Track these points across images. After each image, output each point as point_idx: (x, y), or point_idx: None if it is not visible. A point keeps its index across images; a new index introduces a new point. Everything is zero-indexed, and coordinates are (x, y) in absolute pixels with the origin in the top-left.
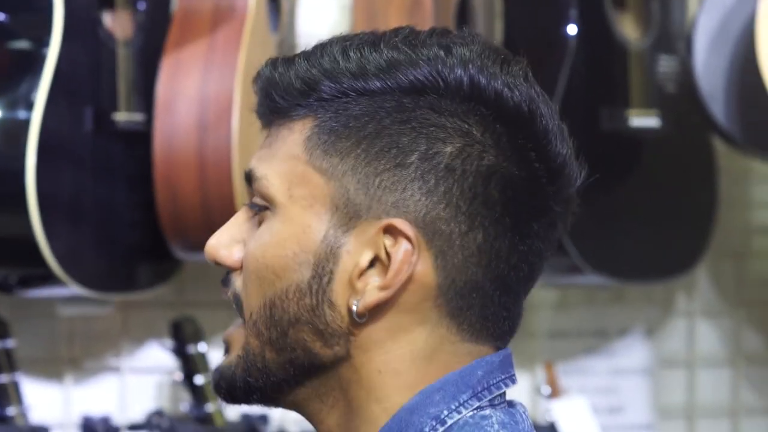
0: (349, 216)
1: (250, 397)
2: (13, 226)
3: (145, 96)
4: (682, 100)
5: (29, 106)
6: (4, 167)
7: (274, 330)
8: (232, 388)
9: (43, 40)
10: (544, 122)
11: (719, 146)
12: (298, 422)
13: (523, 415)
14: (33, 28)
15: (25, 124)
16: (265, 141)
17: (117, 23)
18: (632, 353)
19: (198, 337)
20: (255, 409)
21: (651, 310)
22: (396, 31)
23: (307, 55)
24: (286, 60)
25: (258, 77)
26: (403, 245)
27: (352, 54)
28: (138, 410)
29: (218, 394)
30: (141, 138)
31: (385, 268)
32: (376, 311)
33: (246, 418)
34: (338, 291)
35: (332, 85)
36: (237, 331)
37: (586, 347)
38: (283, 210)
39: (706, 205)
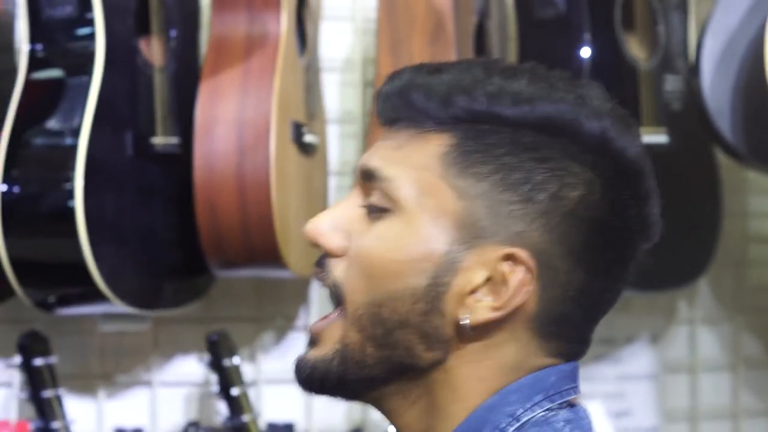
0: (472, 235)
1: (340, 390)
2: (61, 247)
3: (179, 120)
4: (687, 117)
5: (75, 132)
6: (52, 191)
7: (380, 327)
8: (325, 379)
9: (86, 68)
10: (648, 183)
11: (719, 159)
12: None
13: (585, 413)
14: (76, 56)
15: (72, 150)
16: (388, 141)
17: (152, 50)
18: (638, 360)
19: (232, 350)
20: (282, 418)
21: (655, 319)
22: (529, 69)
23: (449, 71)
24: (429, 71)
25: (395, 79)
26: (521, 273)
27: (494, 80)
28: (168, 423)
29: (305, 384)
30: (176, 160)
31: (496, 288)
32: (481, 327)
33: (272, 428)
34: (450, 302)
35: (470, 104)
36: (331, 326)
37: (595, 355)
38: (409, 215)
39: (711, 217)
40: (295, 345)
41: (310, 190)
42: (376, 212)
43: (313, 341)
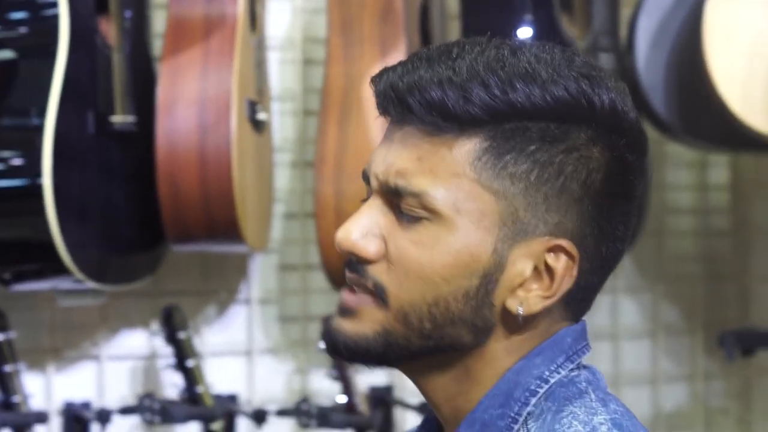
0: (515, 232)
1: (377, 364)
2: (26, 224)
3: (135, 99)
4: None
5: (41, 112)
6: (20, 169)
7: (429, 323)
8: (367, 355)
9: (50, 48)
10: (647, 141)
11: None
12: (265, 401)
13: (600, 373)
14: (41, 36)
15: (39, 129)
16: (405, 150)
17: (110, 30)
18: None
19: (184, 323)
20: (224, 389)
21: None
22: (527, 47)
23: (456, 55)
24: (440, 55)
25: (402, 74)
26: (564, 261)
27: (506, 62)
28: (116, 396)
29: (340, 352)
30: (133, 138)
31: (542, 277)
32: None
33: (217, 399)
34: (499, 295)
35: (487, 101)
36: (368, 307)
37: None
38: (451, 222)
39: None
40: (237, 317)
41: (261, 166)
42: (411, 218)
43: (347, 313)
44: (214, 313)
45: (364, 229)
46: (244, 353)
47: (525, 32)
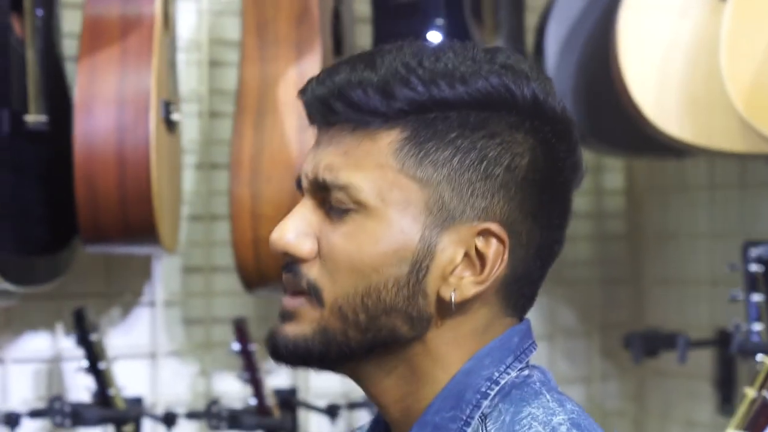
0: (443, 218)
1: (319, 365)
2: None
3: (46, 98)
4: None
5: None
6: None
7: (364, 315)
8: (307, 356)
9: None
10: (574, 131)
11: None
12: (170, 403)
13: (549, 374)
14: None
15: None
16: (330, 147)
17: (23, 28)
18: None
19: (95, 325)
20: (129, 393)
21: None
22: (448, 46)
23: (379, 56)
24: (364, 62)
25: (326, 80)
26: (495, 245)
27: (425, 62)
28: (18, 399)
29: (286, 358)
30: (44, 138)
31: (473, 263)
32: (464, 302)
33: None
34: (431, 283)
35: (410, 95)
36: (306, 308)
37: None
38: (377, 212)
39: None
40: (140, 320)
41: (172, 167)
42: (339, 212)
43: (289, 316)
44: (118, 315)
45: (298, 229)
46: (148, 356)
47: (436, 37)
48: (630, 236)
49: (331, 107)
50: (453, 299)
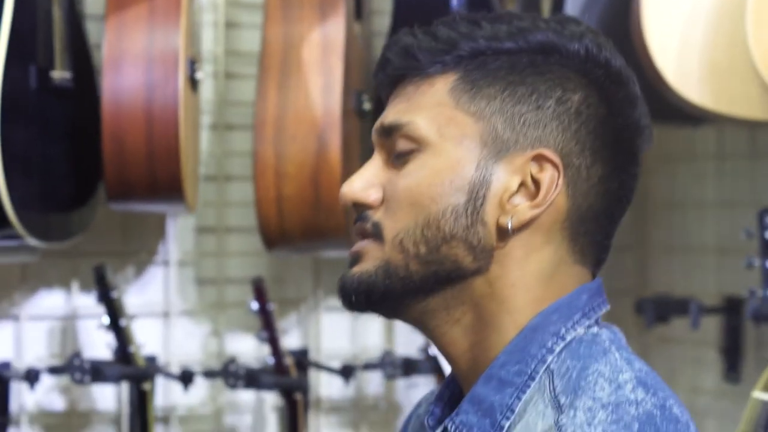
0: (497, 149)
1: (384, 304)
2: None
3: (71, 55)
4: None
5: None
6: None
7: (424, 246)
8: (371, 292)
9: None
10: (634, 85)
11: None
12: (182, 363)
13: (620, 333)
14: None
15: None
16: (396, 100)
17: None
18: None
19: (114, 284)
20: (146, 350)
21: None
22: (505, 12)
23: (442, 24)
24: (424, 29)
25: (393, 44)
26: (550, 171)
27: (484, 23)
28: (33, 356)
29: (350, 298)
30: (68, 95)
31: (530, 191)
32: (521, 229)
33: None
34: (489, 211)
35: (471, 44)
36: (369, 247)
37: None
38: (435, 147)
39: None
40: (154, 279)
41: (194, 126)
42: (402, 157)
43: (354, 259)
44: (132, 274)
45: (365, 180)
46: (161, 315)
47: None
48: (636, 203)
49: (397, 65)
50: (510, 224)
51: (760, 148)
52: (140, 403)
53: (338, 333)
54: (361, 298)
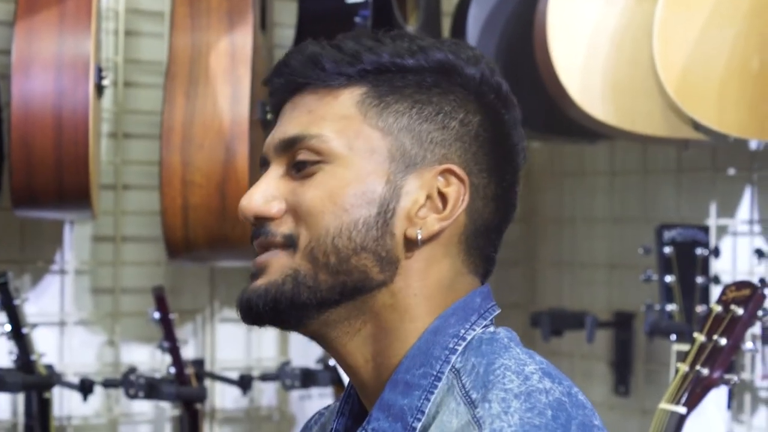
0: (405, 164)
1: (289, 314)
2: None
3: None
4: None
5: None
6: None
7: (334, 257)
8: (278, 301)
9: None
10: (517, 109)
11: None
12: (78, 372)
13: (515, 333)
14: None
15: None
16: (296, 111)
17: None
18: None
19: (18, 291)
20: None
21: None
22: (404, 33)
23: (346, 38)
24: (329, 41)
25: (297, 51)
26: (456, 185)
27: (387, 40)
28: None
29: (256, 309)
30: None
31: (436, 204)
32: (426, 241)
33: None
34: (398, 224)
35: (375, 58)
36: (276, 258)
37: None
38: (344, 160)
39: None
40: (51, 288)
41: (96, 132)
42: (306, 168)
43: (259, 271)
44: (29, 283)
45: (265, 193)
46: (57, 324)
47: (362, 16)
48: (525, 219)
49: (301, 73)
50: (419, 236)
51: (651, 165)
52: (41, 412)
53: (233, 344)
54: (267, 308)
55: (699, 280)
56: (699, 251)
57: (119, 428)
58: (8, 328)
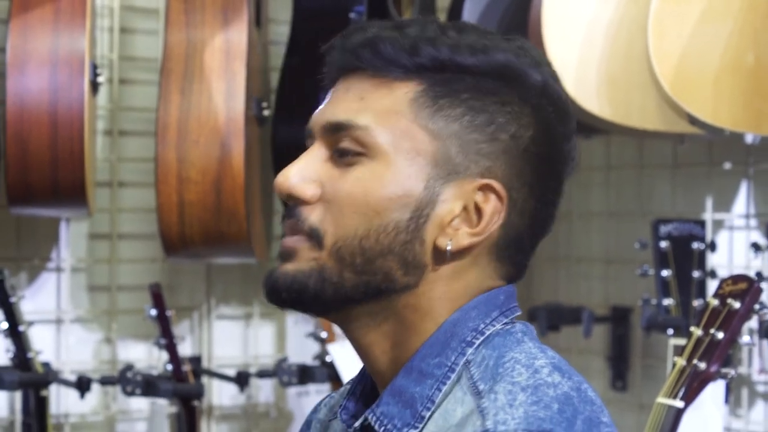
0: (447, 171)
1: (313, 305)
2: None
3: None
4: None
5: None
6: None
7: (361, 258)
8: (302, 292)
9: None
10: (574, 121)
11: None
12: (74, 370)
13: (531, 327)
14: None
15: None
16: (348, 93)
17: None
18: None
19: (14, 289)
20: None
21: None
22: (469, 24)
23: (414, 22)
24: (395, 22)
25: (359, 32)
26: (494, 202)
27: (451, 32)
28: None
29: (281, 294)
30: None
31: (471, 218)
32: (454, 254)
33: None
34: (429, 231)
35: (433, 51)
36: (304, 246)
37: None
38: (386, 158)
39: None
40: (47, 285)
41: (92, 131)
42: (348, 157)
43: (288, 255)
44: (25, 281)
45: (303, 173)
46: (54, 321)
47: (358, 11)
48: None
49: (358, 55)
50: (449, 248)
51: (647, 159)
52: (39, 409)
53: (230, 341)
54: (291, 297)
55: (695, 274)
56: (695, 245)
57: (116, 425)
58: (5, 325)
